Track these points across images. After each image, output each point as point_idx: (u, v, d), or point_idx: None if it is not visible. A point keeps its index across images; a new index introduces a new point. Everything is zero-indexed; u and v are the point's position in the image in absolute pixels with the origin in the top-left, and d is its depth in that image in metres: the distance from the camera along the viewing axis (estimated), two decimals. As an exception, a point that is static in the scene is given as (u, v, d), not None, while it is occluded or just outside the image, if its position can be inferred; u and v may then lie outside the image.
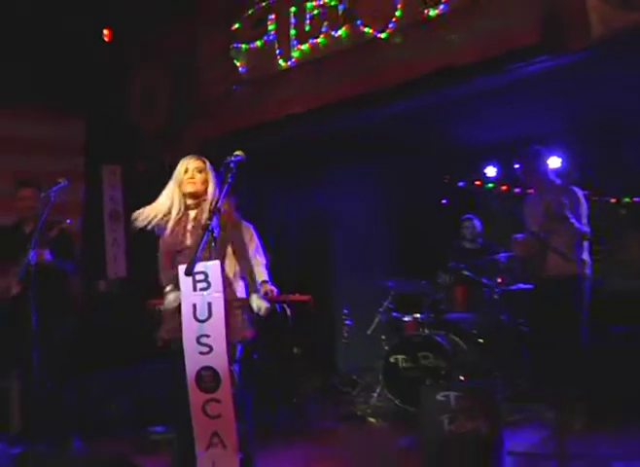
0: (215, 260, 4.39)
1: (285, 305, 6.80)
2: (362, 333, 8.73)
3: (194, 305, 4.30)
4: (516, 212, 7.39)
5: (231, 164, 4.74)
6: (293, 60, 8.04)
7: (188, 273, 4.19)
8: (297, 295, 6.80)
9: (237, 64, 8.50)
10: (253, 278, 5.08)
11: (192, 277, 4.26)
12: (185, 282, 4.32)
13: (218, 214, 4.50)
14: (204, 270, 4.27)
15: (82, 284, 8.04)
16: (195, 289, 4.29)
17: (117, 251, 9.44)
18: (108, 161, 9.44)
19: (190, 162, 4.96)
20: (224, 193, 4.65)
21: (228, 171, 4.73)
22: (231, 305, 4.74)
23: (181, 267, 4.29)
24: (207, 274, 4.27)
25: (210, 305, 4.26)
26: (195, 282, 4.28)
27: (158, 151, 9.32)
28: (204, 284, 4.27)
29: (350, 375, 9.31)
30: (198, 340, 4.27)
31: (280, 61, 8.11)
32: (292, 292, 6.70)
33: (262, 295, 5.27)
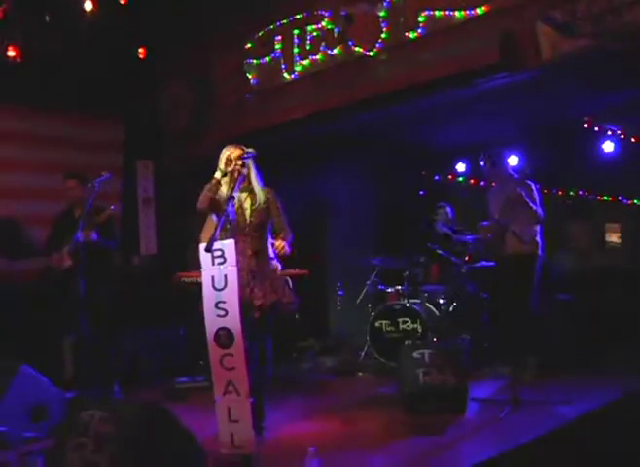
0: (230, 239, 4.40)
1: (288, 277, 6.86)
2: (352, 302, 8.77)
3: (212, 277, 4.30)
4: (482, 202, 7.41)
5: (244, 159, 4.84)
6: (296, 74, 8.00)
7: (207, 250, 4.22)
8: (297, 270, 6.87)
9: (249, 77, 8.45)
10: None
11: (211, 254, 4.26)
12: (205, 258, 4.31)
13: (233, 201, 4.54)
14: (221, 248, 4.28)
15: (120, 259, 8.08)
16: (214, 263, 4.28)
17: (148, 232, 9.44)
18: (142, 156, 9.44)
19: (232, 153, 4.88)
20: (239, 182, 4.72)
21: (242, 165, 4.83)
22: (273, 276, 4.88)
23: (202, 245, 4.30)
24: (223, 251, 4.26)
25: (226, 277, 4.26)
26: (214, 258, 4.27)
27: (182, 149, 9.37)
28: (221, 259, 4.26)
29: (342, 336, 9.38)
30: (217, 305, 4.28)
31: (285, 74, 8.07)
32: (293, 268, 6.78)
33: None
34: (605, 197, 8.99)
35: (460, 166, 9.85)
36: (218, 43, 8.85)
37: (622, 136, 8.43)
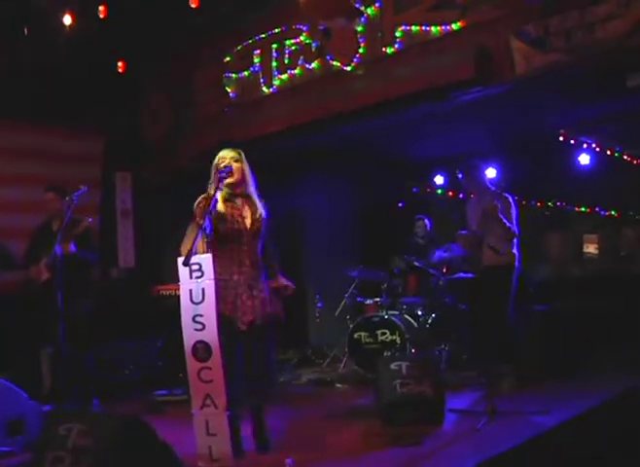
0: (208, 253, 4.36)
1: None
2: (331, 313, 8.85)
3: (190, 291, 4.27)
4: (460, 214, 7.42)
5: (220, 174, 4.60)
6: (274, 87, 8.09)
7: (185, 264, 4.17)
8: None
9: (228, 90, 8.53)
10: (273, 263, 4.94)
11: (188, 267, 4.22)
12: (182, 271, 4.27)
13: (210, 216, 4.39)
14: (199, 262, 4.25)
15: (98, 271, 8.07)
16: (192, 277, 4.26)
17: (126, 244, 9.43)
18: (120, 168, 9.45)
19: (226, 153, 4.70)
20: (215, 198, 4.48)
21: (218, 180, 4.58)
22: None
23: (179, 258, 4.25)
24: (201, 265, 4.24)
25: (204, 290, 4.24)
26: (192, 271, 4.25)
27: (160, 161, 9.38)
28: (199, 273, 4.24)
29: (321, 348, 9.39)
30: (194, 318, 4.26)
31: (264, 88, 8.16)
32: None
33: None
34: (583, 209, 9.10)
35: (438, 179, 9.94)
36: (197, 56, 8.90)
37: (598, 149, 8.56)
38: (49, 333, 6.14)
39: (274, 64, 8.05)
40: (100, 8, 7.10)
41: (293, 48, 7.89)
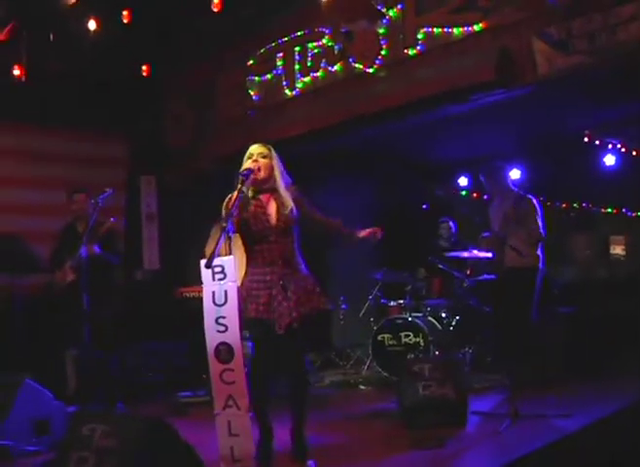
0: (230, 255, 4.29)
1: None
2: (355, 316, 8.82)
3: (212, 293, 4.27)
4: (483, 217, 7.40)
5: (241, 176, 4.50)
6: (297, 90, 8.13)
7: (207, 266, 4.17)
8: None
9: (251, 93, 8.58)
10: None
11: (211, 269, 4.22)
12: (205, 273, 4.27)
13: (232, 218, 4.32)
14: (221, 264, 4.24)
15: (123, 273, 8.15)
16: (214, 279, 4.25)
17: (151, 246, 9.53)
18: (145, 172, 9.55)
19: (254, 149, 4.60)
20: (238, 200, 4.37)
21: (240, 182, 4.46)
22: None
23: (202, 261, 4.23)
24: (224, 267, 4.23)
25: (226, 293, 4.24)
26: (214, 274, 4.25)
27: (184, 165, 9.45)
28: (221, 275, 4.24)
29: (345, 350, 9.36)
30: (217, 320, 4.26)
31: (286, 91, 8.21)
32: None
33: None
34: (609, 210, 9.03)
35: (462, 180, 9.91)
36: (220, 60, 8.95)
37: (623, 150, 8.51)
38: (74, 334, 6.24)
39: (297, 67, 8.09)
40: (124, 13, 7.17)
41: (315, 50, 7.92)
